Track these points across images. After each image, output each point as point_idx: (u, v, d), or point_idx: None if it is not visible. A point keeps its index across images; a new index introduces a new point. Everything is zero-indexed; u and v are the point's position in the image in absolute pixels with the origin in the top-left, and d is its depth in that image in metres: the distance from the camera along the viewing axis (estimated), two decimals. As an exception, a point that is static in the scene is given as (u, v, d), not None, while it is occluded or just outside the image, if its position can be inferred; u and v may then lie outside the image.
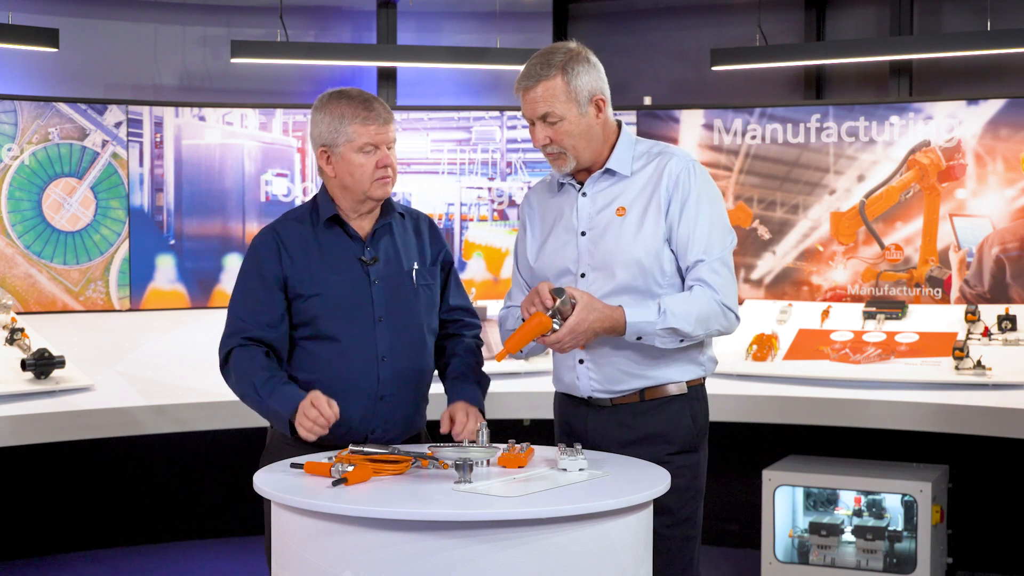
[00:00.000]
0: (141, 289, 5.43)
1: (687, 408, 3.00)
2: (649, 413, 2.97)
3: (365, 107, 3.00)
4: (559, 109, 2.91)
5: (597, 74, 2.96)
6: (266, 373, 2.96)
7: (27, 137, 5.22)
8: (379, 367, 3.02)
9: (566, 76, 2.90)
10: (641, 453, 2.92)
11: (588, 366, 2.99)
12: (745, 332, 5.13)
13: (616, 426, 2.98)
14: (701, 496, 3.04)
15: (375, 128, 3.00)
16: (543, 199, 3.13)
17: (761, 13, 6.01)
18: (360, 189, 3.03)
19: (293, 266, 3.03)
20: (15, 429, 4.44)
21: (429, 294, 3.14)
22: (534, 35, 6.39)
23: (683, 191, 2.93)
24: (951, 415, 4.59)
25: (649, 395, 2.97)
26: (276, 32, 5.98)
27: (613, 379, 2.97)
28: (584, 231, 2.99)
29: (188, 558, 5.61)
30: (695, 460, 3.01)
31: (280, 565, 2.61)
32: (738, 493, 5.65)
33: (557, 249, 3.03)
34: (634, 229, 2.94)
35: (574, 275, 2.98)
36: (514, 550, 2.38)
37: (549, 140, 2.94)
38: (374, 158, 3.01)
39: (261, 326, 3.01)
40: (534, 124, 2.96)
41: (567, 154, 2.95)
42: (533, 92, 2.92)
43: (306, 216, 3.11)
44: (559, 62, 2.91)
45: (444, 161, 5.76)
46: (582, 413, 3.04)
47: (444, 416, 3.01)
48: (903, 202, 5.35)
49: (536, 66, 2.93)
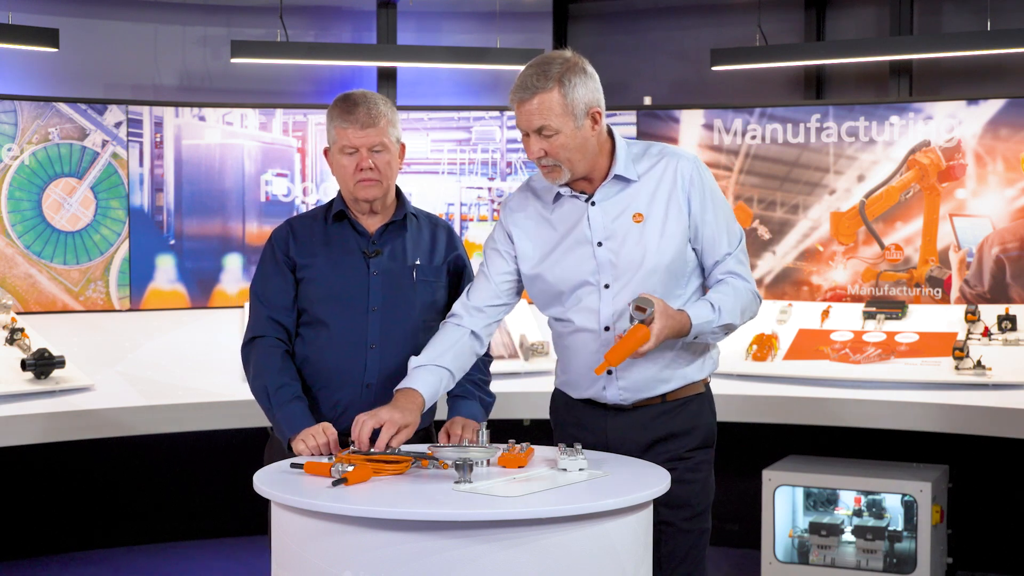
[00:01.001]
0: (141, 289, 5.43)
1: (706, 404, 3.05)
2: (671, 413, 2.99)
3: (347, 110, 3.08)
4: (555, 123, 2.86)
5: (594, 85, 2.91)
6: (280, 379, 3.05)
7: (27, 137, 5.22)
8: (367, 355, 3.08)
9: (563, 89, 2.84)
10: (662, 451, 2.95)
11: (618, 375, 2.98)
12: (745, 332, 5.12)
13: (639, 428, 2.99)
14: (714, 491, 3.07)
15: (352, 131, 3.07)
16: (530, 208, 3.06)
17: (761, 13, 6.01)
18: (346, 189, 3.15)
19: (299, 253, 3.14)
20: (15, 429, 4.44)
21: (429, 291, 3.17)
22: (534, 35, 6.39)
23: (700, 190, 2.95)
24: (951, 415, 4.59)
25: (671, 396, 3.00)
26: (276, 32, 5.99)
27: (641, 387, 2.98)
28: (600, 241, 2.95)
29: (188, 558, 5.61)
30: (711, 455, 3.05)
31: (280, 565, 2.61)
32: (738, 493, 5.64)
33: (571, 262, 2.97)
34: (656, 235, 2.93)
35: (595, 286, 2.95)
36: (514, 550, 2.38)
37: (544, 152, 2.89)
38: (354, 160, 3.08)
39: (279, 308, 3.13)
40: (528, 136, 2.92)
41: (561, 167, 2.91)
42: (528, 104, 2.87)
43: (320, 213, 3.23)
44: (555, 74, 2.85)
45: (444, 161, 5.76)
46: (600, 416, 3.03)
47: (442, 433, 3.06)
48: (903, 202, 5.35)
49: (532, 77, 2.87)
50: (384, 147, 3.08)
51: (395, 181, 3.18)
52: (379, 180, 3.09)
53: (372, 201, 3.11)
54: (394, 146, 3.12)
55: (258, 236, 5.54)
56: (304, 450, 2.90)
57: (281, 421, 3.00)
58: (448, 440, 3.01)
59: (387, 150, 3.09)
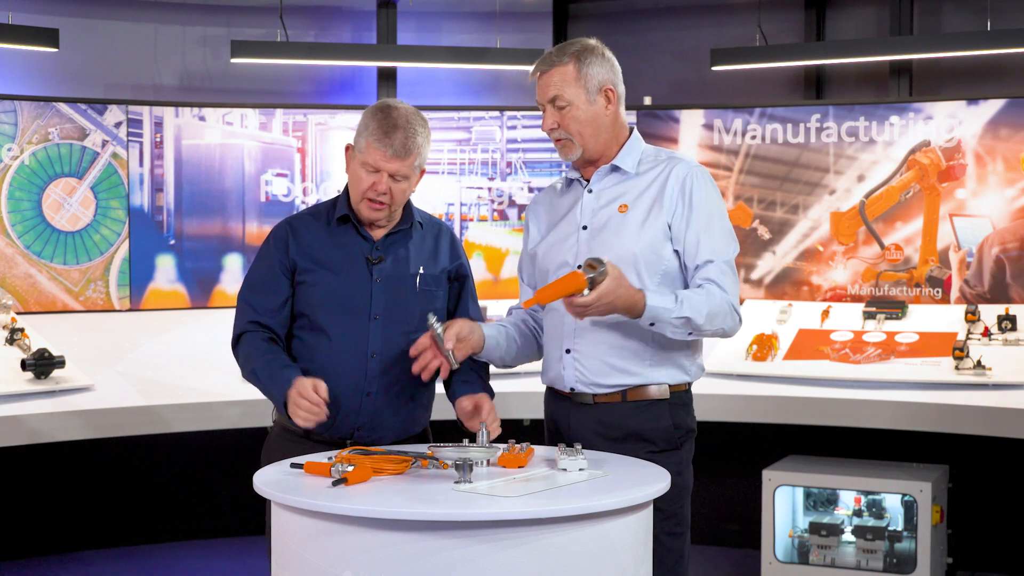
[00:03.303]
0: (141, 289, 5.43)
1: (667, 412, 3.02)
2: (630, 414, 3.00)
3: (385, 131, 2.99)
4: (568, 94, 3.00)
5: (610, 67, 3.05)
6: (265, 357, 3.02)
7: (27, 137, 5.22)
8: (367, 363, 3.04)
9: (578, 64, 3.01)
10: (623, 451, 2.96)
11: (575, 356, 3.01)
12: (745, 332, 5.12)
13: (597, 423, 3.01)
14: (688, 493, 3.06)
15: (382, 154, 2.99)
16: (550, 200, 3.20)
17: (761, 13, 6.01)
18: (355, 198, 3.07)
19: (300, 254, 3.09)
20: (15, 429, 4.44)
21: (432, 299, 3.14)
22: (534, 35, 6.39)
23: (689, 194, 2.99)
24: (951, 415, 4.59)
25: (631, 396, 3.00)
26: (276, 32, 5.99)
27: (598, 372, 2.99)
28: (585, 225, 3.05)
29: (188, 558, 5.61)
30: (677, 458, 3.02)
31: (280, 565, 2.61)
32: (738, 493, 5.65)
33: (558, 242, 3.08)
34: (635, 226, 2.99)
35: (571, 267, 3.01)
36: (514, 550, 2.38)
37: (556, 124, 3.02)
38: (372, 179, 3.01)
39: (265, 310, 3.08)
40: (545, 109, 3.05)
41: (573, 141, 3.03)
42: (546, 76, 3.03)
43: (323, 213, 3.16)
44: (573, 51, 3.03)
45: (444, 161, 5.76)
46: (565, 408, 3.07)
47: (465, 403, 3.02)
48: (903, 202, 5.36)
49: (551, 54, 3.05)
50: (405, 176, 3.03)
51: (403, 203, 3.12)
52: (388, 205, 3.04)
53: (374, 222, 3.09)
54: (415, 175, 3.06)
55: (258, 236, 5.53)
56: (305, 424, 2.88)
57: (274, 390, 2.97)
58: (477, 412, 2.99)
59: (407, 179, 3.04)
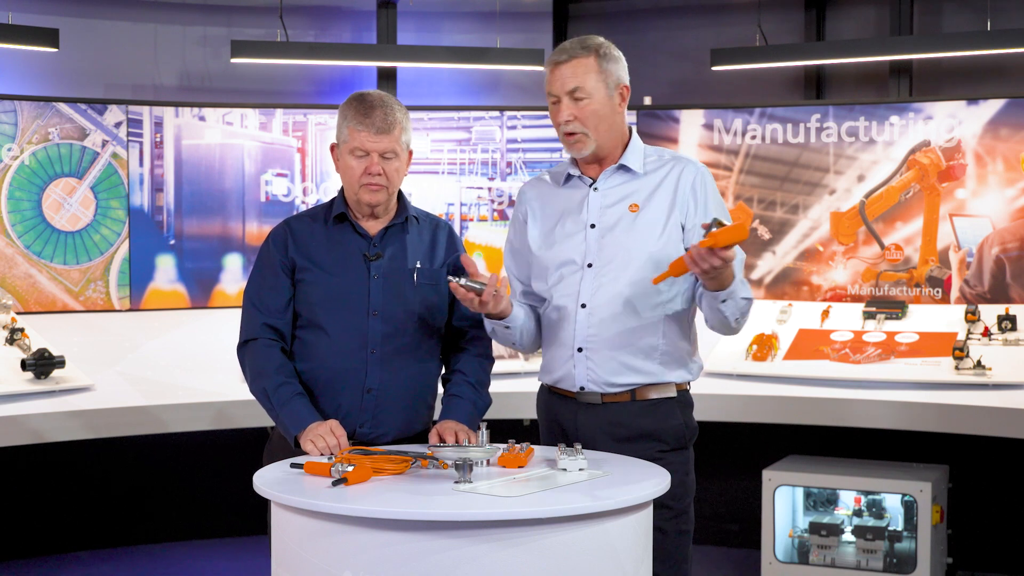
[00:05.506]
0: (141, 289, 5.43)
1: (677, 410, 3.04)
2: (640, 413, 3.00)
3: (363, 113, 3.05)
4: (590, 85, 2.97)
5: (624, 67, 3.05)
6: (278, 378, 3.03)
7: (27, 137, 5.22)
8: (368, 359, 3.05)
9: (599, 58, 2.99)
10: (632, 451, 2.96)
11: (587, 355, 3.01)
12: (745, 332, 5.11)
13: (607, 424, 3.01)
14: (693, 492, 3.08)
15: (366, 135, 3.04)
16: (545, 192, 3.17)
17: (761, 13, 6.01)
18: (351, 191, 3.11)
19: (299, 253, 3.11)
20: (15, 429, 4.44)
21: (431, 294, 3.15)
22: (534, 35, 6.39)
23: (703, 196, 3.02)
24: (951, 415, 4.59)
25: (640, 395, 3.01)
26: (276, 32, 5.99)
27: (611, 370, 3.00)
28: (593, 224, 3.03)
29: (188, 558, 5.61)
30: (685, 457, 3.06)
31: (280, 565, 2.61)
32: (738, 493, 5.65)
33: (563, 239, 3.07)
34: (650, 226, 2.99)
35: (579, 265, 3.02)
36: (514, 550, 2.38)
37: (573, 117, 2.98)
38: (364, 163, 3.05)
39: (272, 311, 3.09)
40: (559, 102, 3.00)
41: (588, 135, 3.00)
42: (565, 67, 2.99)
43: (320, 214, 3.19)
44: (594, 45, 3.01)
45: (444, 161, 5.76)
46: (571, 409, 3.06)
47: (432, 434, 3.03)
48: (903, 202, 5.35)
49: (570, 45, 3.02)
50: (395, 154, 3.07)
51: (400, 186, 3.17)
52: (385, 186, 3.07)
53: (376, 206, 3.10)
54: (404, 152, 3.11)
55: (258, 236, 5.53)
56: (313, 450, 2.88)
57: (285, 420, 2.98)
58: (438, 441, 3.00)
59: (397, 157, 3.08)
